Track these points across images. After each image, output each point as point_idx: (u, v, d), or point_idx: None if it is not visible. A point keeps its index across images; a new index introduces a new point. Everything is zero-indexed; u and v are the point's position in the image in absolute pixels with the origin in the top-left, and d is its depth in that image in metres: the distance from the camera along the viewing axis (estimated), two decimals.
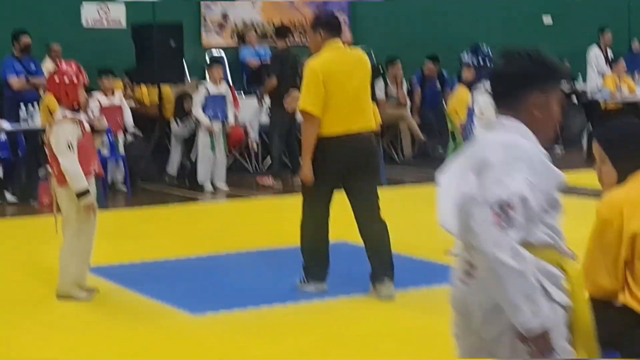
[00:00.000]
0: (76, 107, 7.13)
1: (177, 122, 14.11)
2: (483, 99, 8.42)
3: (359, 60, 7.14)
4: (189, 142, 13.99)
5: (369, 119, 7.07)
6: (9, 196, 12.55)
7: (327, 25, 7.09)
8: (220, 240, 9.50)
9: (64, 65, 7.27)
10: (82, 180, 6.96)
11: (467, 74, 8.56)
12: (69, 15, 15.78)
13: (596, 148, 4.28)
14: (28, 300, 7.35)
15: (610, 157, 4.26)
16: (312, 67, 6.91)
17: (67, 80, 7.10)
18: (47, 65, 14.61)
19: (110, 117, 13.41)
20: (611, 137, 4.28)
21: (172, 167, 14.23)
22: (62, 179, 7.05)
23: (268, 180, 13.86)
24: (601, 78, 16.97)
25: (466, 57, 8.56)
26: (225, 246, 9.05)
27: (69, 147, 6.94)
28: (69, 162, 6.93)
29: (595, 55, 17.52)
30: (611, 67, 16.93)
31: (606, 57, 17.55)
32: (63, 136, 6.98)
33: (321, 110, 6.81)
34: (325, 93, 6.82)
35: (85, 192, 6.96)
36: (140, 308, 7.00)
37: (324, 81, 6.82)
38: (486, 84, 8.48)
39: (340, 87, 6.87)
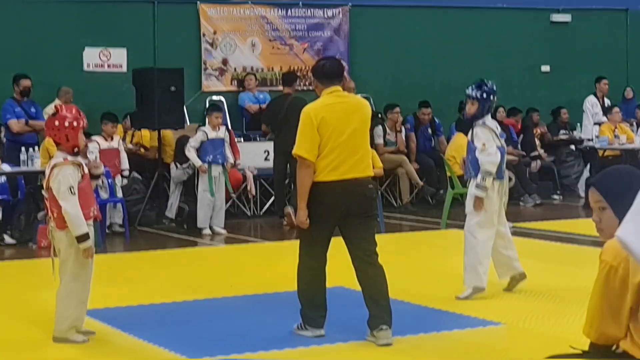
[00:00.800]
0: (76, 151, 7.15)
1: (176, 166, 14.17)
2: (482, 132, 8.47)
3: (357, 105, 7.13)
4: (188, 186, 14.03)
5: (367, 165, 7.03)
6: (7, 238, 12.56)
7: (322, 73, 7.12)
8: (218, 284, 9.49)
9: (63, 110, 7.26)
10: (83, 224, 6.97)
11: (471, 108, 8.57)
12: (71, 58, 15.89)
13: (594, 196, 4.21)
14: (24, 343, 7.32)
15: (612, 204, 4.19)
16: (307, 112, 6.94)
17: (67, 124, 7.09)
18: (52, 108, 14.71)
19: (109, 161, 13.48)
20: (611, 185, 4.23)
21: (171, 210, 14.25)
22: (61, 223, 7.05)
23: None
24: (597, 126, 17.06)
25: (470, 91, 8.59)
26: (223, 290, 9.04)
27: (70, 190, 6.95)
28: (71, 206, 6.94)
29: (591, 104, 17.62)
30: (606, 116, 17.04)
31: (602, 106, 17.64)
32: (64, 180, 6.98)
33: (315, 155, 6.82)
34: (320, 139, 6.83)
35: (85, 236, 6.96)
36: (137, 352, 6.98)
37: (318, 127, 6.82)
38: (486, 118, 8.57)
39: (336, 133, 6.86)
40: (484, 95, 8.53)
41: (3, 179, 12.97)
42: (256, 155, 15.53)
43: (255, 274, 10.13)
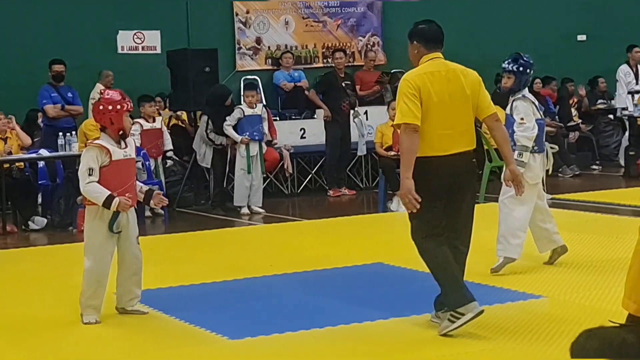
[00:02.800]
0: (121, 134, 7.22)
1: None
2: (522, 105, 8.41)
3: (462, 74, 6.56)
4: (217, 168, 14.00)
5: (471, 138, 6.52)
6: (32, 224, 12.65)
7: (425, 36, 6.65)
8: (257, 264, 9.50)
9: (108, 93, 7.34)
10: (101, 194, 7.02)
11: (507, 81, 8.52)
12: (105, 42, 15.95)
13: None
14: (59, 324, 7.37)
15: None
16: (407, 80, 6.41)
17: (110, 108, 7.18)
18: (97, 91, 14.80)
19: (152, 141, 13.56)
20: None
21: (209, 191, 14.27)
22: (85, 199, 7.23)
23: (338, 192, 14.79)
24: (631, 95, 16.92)
25: (507, 64, 8.52)
26: (263, 270, 9.05)
27: (88, 171, 7.05)
28: (84, 185, 7.06)
29: (624, 73, 17.45)
30: (637, 83, 16.92)
31: (636, 74, 17.46)
32: (85, 161, 7.10)
33: (420, 119, 6.30)
34: (422, 108, 6.33)
35: (109, 200, 7.02)
36: (178, 333, 7.00)
37: (421, 96, 6.33)
38: (524, 91, 8.51)
39: (438, 104, 6.36)
40: (521, 68, 8.46)
41: (42, 164, 13.05)
42: (292, 133, 15.55)
43: (294, 253, 10.13)
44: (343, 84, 15.41)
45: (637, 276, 4.12)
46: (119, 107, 7.18)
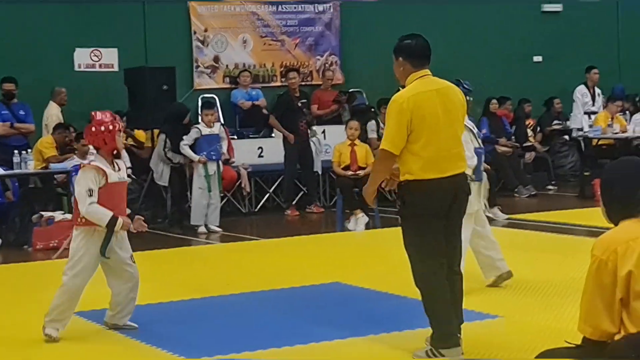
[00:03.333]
0: (115, 154, 7.31)
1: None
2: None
3: (452, 93, 6.33)
4: (174, 187, 13.94)
5: (464, 160, 6.35)
6: None
7: (412, 52, 6.35)
8: (215, 282, 9.47)
9: (99, 115, 7.40)
10: (104, 216, 7.09)
11: None
12: (62, 59, 15.85)
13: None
14: (18, 343, 7.30)
15: (602, 198, 4.34)
16: (397, 101, 6.14)
17: (103, 129, 7.25)
18: (51, 110, 14.72)
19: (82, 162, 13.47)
20: (603, 179, 4.36)
21: (167, 210, 14.21)
22: (76, 220, 7.26)
23: (295, 212, 14.77)
24: (588, 116, 17.11)
25: None
26: (220, 289, 9.03)
27: (88, 192, 7.09)
28: (87, 207, 7.08)
29: (581, 94, 17.62)
30: (593, 104, 17.14)
31: (593, 96, 17.63)
32: (84, 183, 7.14)
33: (400, 149, 6.07)
34: (410, 131, 6.07)
35: (114, 222, 7.09)
36: (133, 352, 6.96)
37: (411, 118, 6.05)
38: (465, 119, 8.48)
39: (432, 125, 6.10)
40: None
41: None
42: (250, 152, 15.55)
43: (252, 272, 10.12)
44: (299, 104, 15.43)
45: (590, 299, 4.18)
46: (111, 127, 7.27)
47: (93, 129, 7.28)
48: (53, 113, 14.85)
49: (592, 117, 17.15)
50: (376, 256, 10.59)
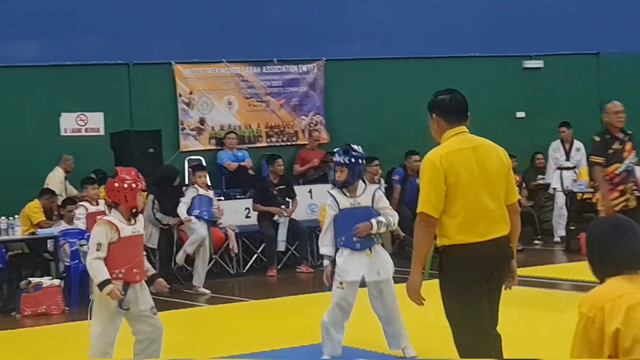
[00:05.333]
0: (134, 212, 7.42)
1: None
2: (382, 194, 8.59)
3: (492, 150, 6.00)
4: (162, 249, 13.94)
5: (505, 222, 5.88)
6: None
7: (447, 108, 6.03)
8: (203, 345, 9.44)
9: (122, 171, 7.53)
10: (101, 275, 7.17)
11: (341, 175, 8.40)
12: (48, 123, 15.92)
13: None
14: None
15: (587, 256, 4.40)
16: (432, 160, 5.79)
17: (125, 186, 7.38)
18: (56, 174, 14.73)
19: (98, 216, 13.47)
20: (586, 238, 4.43)
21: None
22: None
23: (273, 272, 14.81)
24: (559, 171, 17.27)
25: (338, 157, 8.43)
26: (209, 352, 9.00)
27: (96, 246, 7.23)
28: (90, 261, 7.24)
29: (553, 149, 17.75)
30: (567, 159, 17.29)
31: (567, 151, 17.70)
32: (95, 236, 7.31)
33: (440, 212, 5.73)
34: (447, 191, 5.75)
35: (104, 284, 7.15)
36: None
37: (446, 177, 5.73)
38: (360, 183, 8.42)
39: (469, 185, 5.76)
40: (352, 159, 8.39)
41: None
42: (237, 213, 15.57)
43: (240, 334, 10.10)
44: (275, 191, 15.47)
45: (579, 356, 4.22)
46: (133, 185, 7.40)
47: (116, 184, 7.41)
48: (57, 178, 14.89)
49: (565, 172, 17.27)
50: (366, 315, 10.58)
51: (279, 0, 17.99)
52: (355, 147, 8.55)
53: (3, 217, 13.06)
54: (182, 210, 13.46)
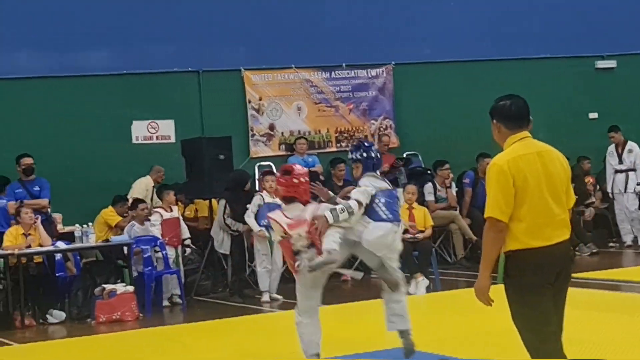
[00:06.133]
0: (309, 201, 8.02)
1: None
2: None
3: (554, 156, 5.98)
4: (234, 256, 13.96)
5: (568, 226, 5.90)
6: (50, 318, 12.61)
7: (508, 114, 6.01)
8: (278, 351, 9.44)
9: (297, 167, 8.13)
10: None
11: (357, 171, 8.43)
12: (120, 132, 16.09)
13: None
14: None
15: None
16: (499, 165, 5.80)
17: (304, 180, 7.96)
18: (143, 181, 14.90)
19: (171, 231, 13.60)
20: None
21: (227, 278, 14.23)
22: None
23: (346, 277, 14.35)
24: (615, 175, 17.05)
25: (350, 154, 8.51)
26: (285, 358, 8.99)
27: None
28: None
29: (609, 153, 17.50)
30: (620, 162, 17.05)
31: (619, 154, 17.41)
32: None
33: (509, 216, 5.73)
34: (515, 194, 5.74)
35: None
36: None
37: (513, 182, 5.74)
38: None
39: (535, 190, 5.77)
40: (364, 154, 8.42)
41: (59, 256, 13.06)
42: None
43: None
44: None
45: None
46: (305, 179, 8.01)
47: (295, 180, 7.94)
48: (143, 184, 15.06)
49: (619, 175, 17.01)
50: (439, 320, 10.51)
51: (347, 5, 17.97)
52: (365, 141, 8.60)
53: (77, 225, 13.22)
54: (252, 221, 13.42)
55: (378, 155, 8.58)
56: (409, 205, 13.77)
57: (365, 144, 8.54)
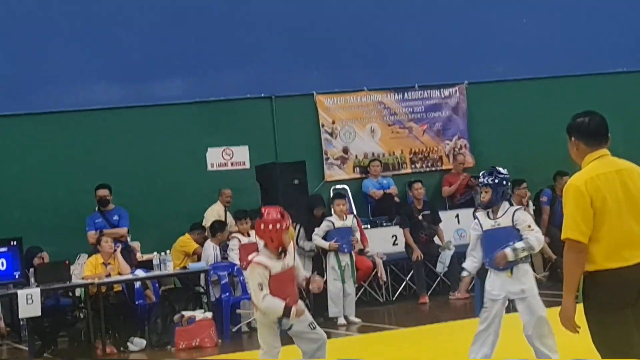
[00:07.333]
0: (280, 250, 7.63)
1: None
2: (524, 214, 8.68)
3: (635, 173, 5.82)
4: (321, 276, 13.96)
5: None
6: (131, 346, 12.68)
7: (587, 131, 5.86)
8: None
9: (269, 212, 7.77)
10: (278, 308, 7.47)
11: (485, 195, 8.62)
12: (195, 159, 16.21)
13: None
14: None
15: None
16: (576, 185, 5.70)
17: (270, 227, 7.61)
18: (214, 208, 15.00)
19: (250, 255, 13.61)
20: None
21: (306, 301, 14.20)
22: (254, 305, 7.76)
23: (424, 299, 14.83)
24: None
25: (482, 178, 8.65)
26: None
27: (259, 287, 7.50)
28: (261, 302, 7.51)
29: None
30: None
31: None
32: (253, 279, 7.60)
33: (588, 236, 5.63)
34: (596, 216, 5.64)
35: (287, 312, 7.47)
36: None
37: (592, 202, 5.64)
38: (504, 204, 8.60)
39: (614, 210, 5.66)
40: (496, 180, 8.56)
41: (138, 284, 13.16)
42: (384, 240, 15.49)
43: None
44: (420, 216, 15.35)
45: None
46: (278, 225, 7.60)
47: (262, 226, 7.65)
48: (214, 211, 15.16)
49: None
50: (521, 339, 10.34)
51: (417, 25, 17.90)
52: (500, 169, 8.69)
53: (156, 253, 13.31)
54: (319, 241, 13.46)
55: (509, 185, 8.75)
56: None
57: (500, 171, 8.66)
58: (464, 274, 8.89)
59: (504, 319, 8.56)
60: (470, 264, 8.76)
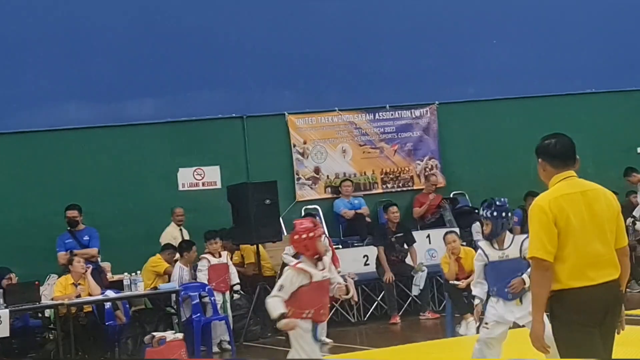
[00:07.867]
0: (317, 258, 7.73)
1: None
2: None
3: (601, 195, 5.92)
4: None
5: (615, 266, 5.82)
6: None
7: (553, 153, 5.96)
8: None
9: (302, 222, 7.94)
10: (276, 310, 7.51)
11: (487, 228, 8.78)
12: (166, 179, 16.17)
13: None
14: None
15: None
16: (540, 206, 5.77)
17: (304, 236, 7.73)
18: (168, 230, 14.94)
19: (219, 276, 13.60)
20: None
21: (274, 324, 14.17)
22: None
23: (396, 319, 14.85)
24: None
25: (482, 211, 8.80)
26: None
27: (279, 287, 7.59)
28: (269, 296, 7.63)
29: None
30: None
31: None
32: (282, 279, 7.68)
33: (554, 255, 5.69)
34: (561, 236, 5.71)
35: (280, 317, 7.50)
36: None
37: (555, 222, 5.70)
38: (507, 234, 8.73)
39: (578, 230, 5.73)
40: (495, 213, 8.69)
41: (108, 304, 13.09)
42: (355, 260, 15.50)
43: None
44: (393, 239, 15.39)
45: None
46: (311, 234, 7.72)
47: (295, 236, 7.77)
48: (168, 234, 15.10)
49: None
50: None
51: (389, 46, 17.96)
52: (498, 200, 8.85)
53: (126, 274, 13.25)
54: (288, 259, 13.43)
55: (509, 215, 8.82)
56: (456, 256, 13.41)
57: (497, 202, 8.77)
58: (476, 301, 8.98)
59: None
60: (481, 290, 8.90)
